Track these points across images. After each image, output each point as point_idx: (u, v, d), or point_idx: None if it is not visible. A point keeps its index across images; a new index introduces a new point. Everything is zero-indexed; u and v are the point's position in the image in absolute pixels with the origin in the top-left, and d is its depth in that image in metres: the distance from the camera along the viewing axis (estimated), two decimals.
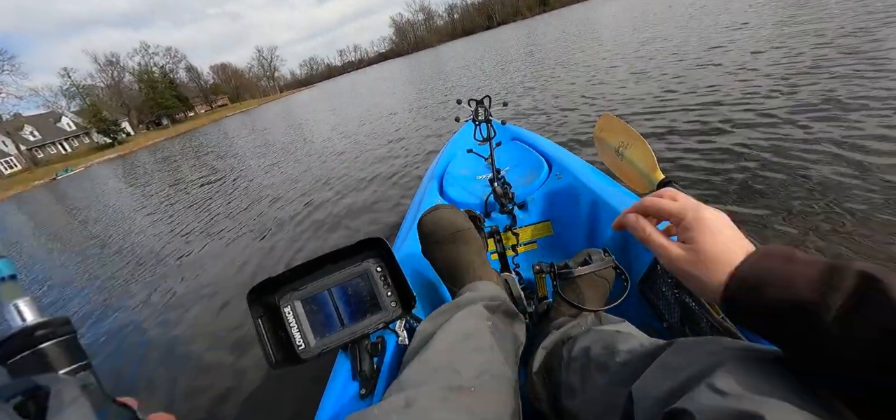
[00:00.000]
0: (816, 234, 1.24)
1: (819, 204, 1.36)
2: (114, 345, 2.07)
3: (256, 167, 5.94)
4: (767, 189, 1.53)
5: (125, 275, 3.09)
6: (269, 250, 2.62)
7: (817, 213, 1.33)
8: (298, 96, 45.40)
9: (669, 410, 0.32)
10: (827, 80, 2.44)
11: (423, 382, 0.45)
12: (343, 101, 13.87)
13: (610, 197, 0.90)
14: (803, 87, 2.44)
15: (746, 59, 3.44)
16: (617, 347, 0.48)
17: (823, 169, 1.55)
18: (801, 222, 1.31)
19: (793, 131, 1.93)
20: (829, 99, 2.16)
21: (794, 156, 1.70)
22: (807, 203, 1.39)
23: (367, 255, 0.63)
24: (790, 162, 1.66)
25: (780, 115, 2.16)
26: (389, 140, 4.70)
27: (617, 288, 0.74)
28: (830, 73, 2.53)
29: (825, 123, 1.91)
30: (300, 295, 0.60)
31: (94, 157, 35.54)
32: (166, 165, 10.72)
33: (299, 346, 0.57)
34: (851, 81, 2.30)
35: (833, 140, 1.73)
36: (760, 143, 1.91)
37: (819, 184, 1.47)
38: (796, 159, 1.67)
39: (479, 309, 0.59)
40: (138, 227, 4.56)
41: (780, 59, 3.17)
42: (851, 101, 2.06)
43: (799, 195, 1.44)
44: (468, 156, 1.37)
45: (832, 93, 2.22)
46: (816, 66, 2.75)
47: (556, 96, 4.25)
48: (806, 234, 1.25)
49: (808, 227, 1.27)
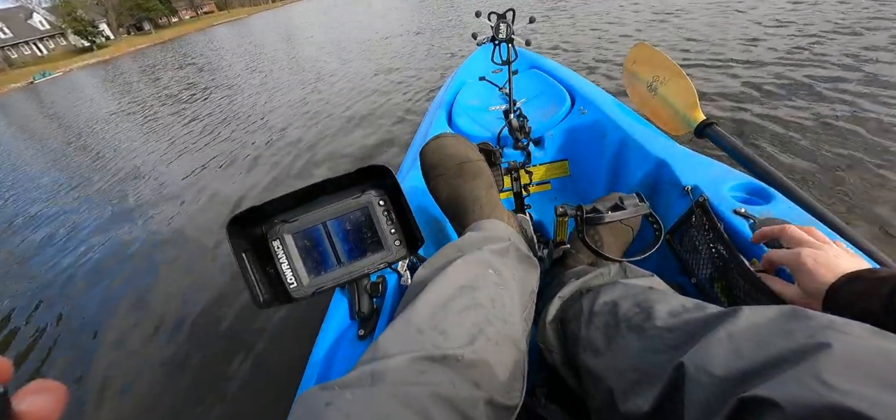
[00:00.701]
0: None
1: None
2: (90, 271, 2.04)
3: (250, 84, 5.60)
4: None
5: (108, 190, 3.00)
6: (257, 179, 2.52)
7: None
8: (295, 7, 41.78)
9: (747, 397, 0.26)
10: None
11: (400, 350, 0.38)
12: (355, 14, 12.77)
13: (641, 137, 0.79)
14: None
15: None
16: (654, 307, 0.43)
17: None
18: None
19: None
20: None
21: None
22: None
23: (368, 186, 0.55)
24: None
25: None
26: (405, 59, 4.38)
27: (642, 237, 0.68)
28: None
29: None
30: (291, 227, 0.52)
31: (73, 61, 33.36)
32: (152, 75, 10.09)
33: (290, 283, 0.51)
34: None
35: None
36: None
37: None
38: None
39: (482, 255, 0.51)
40: (127, 140, 4.37)
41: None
42: None
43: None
44: (480, 84, 1.22)
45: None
46: None
47: (580, 25, 3.89)
48: None
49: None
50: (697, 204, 0.61)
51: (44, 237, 2.50)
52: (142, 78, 10.19)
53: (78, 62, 31.37)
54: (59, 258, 2.18)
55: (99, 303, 1.71)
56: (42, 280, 2.03)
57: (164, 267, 1.84)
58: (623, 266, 0.61)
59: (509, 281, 0.52)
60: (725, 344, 0.32)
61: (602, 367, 0.46)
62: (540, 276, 0.63)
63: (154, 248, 2.01)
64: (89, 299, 1.75)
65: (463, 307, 0.44)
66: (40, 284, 1.99)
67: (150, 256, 1.95)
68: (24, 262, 2.29)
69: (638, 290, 0.49)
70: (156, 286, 1.71)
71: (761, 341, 0.30)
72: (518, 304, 0.51)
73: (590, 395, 0.48)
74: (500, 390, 0.42)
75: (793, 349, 0.27)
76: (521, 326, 0.50)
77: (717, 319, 0.35)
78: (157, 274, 1.80)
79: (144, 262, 1.91)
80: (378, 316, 0.59)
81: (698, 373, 0.32)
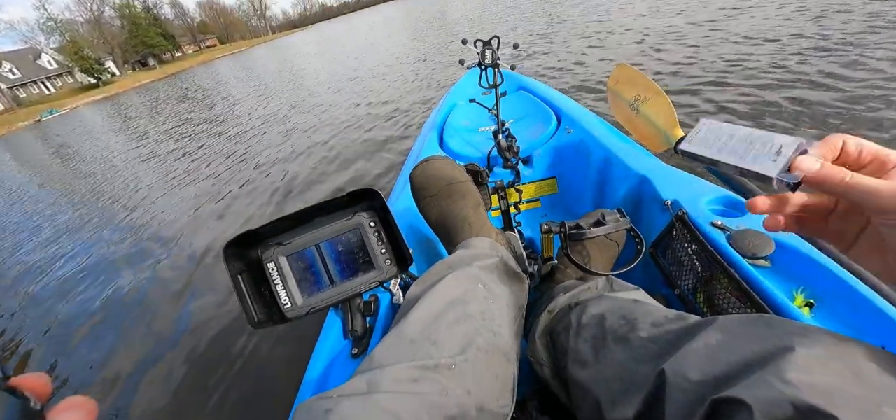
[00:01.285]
0: None
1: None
2: (92, 297, 2.05)
3: (252, 114, 5.72)
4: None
5: (110, 218, 3.03)
6: (252, 202, 2.56)
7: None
8: (292, 38, 43.15)
9: (718, 399, 0.28)
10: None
11: (394, 361, 0.40)
12: (341, 45, 13.18)
13: (624, 154, 0.83)
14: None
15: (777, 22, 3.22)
16: (638, 319, 0.44)
17: None
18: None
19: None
20: None
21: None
22: None
23: (359, 208, 0.57)
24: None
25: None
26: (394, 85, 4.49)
27: (626, 252, 0.70)
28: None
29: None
30: (285, 250, 0.54)
31: (79, 98, 34.15)
32: (155, 109, 10.32)
33: (285, 304, 0.53)
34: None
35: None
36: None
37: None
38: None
39: (471, 271, 0.54)
40: (130, 172, 4.44)
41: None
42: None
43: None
44: (470, 105, 1.27)
45: None
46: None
47: (566, 41, 4.02)
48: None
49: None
50: (677, 217, 0.64)
51: (45, 264, 2.51)
52: (143, 112, 10.42)
53: (84, 99, 32.12)
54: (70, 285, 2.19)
55: (77, 317, 1.71)
56: (54, 308, 2.03)
57: (156, 291, 1.85)
58: (609, 280, 0.63)
59: (498, 295, 0.54)
60: (702, 351, 0.34)
61: (590, 379, 0.47)
62: (531, 292, 0.65)
63: (147, 274, 2.02)
64: (75, 317, 1.75)
65: (454, 320, 0.46)
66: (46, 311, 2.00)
67: (142, 284, 1.96)
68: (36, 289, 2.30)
69: (623, 302, 0.51)
70: (145, 309, 1.73)
71: (734, 347, 0.32)
72: (507, 318, 0.53)
73: (578, 407, 0.49)
74: (490, 398, 0.43)
75: (761, 353, 0.29)
76: (511, 338, 0.51)
77: (695, 328, 0.37)
78: (147, 298, 1.81)
79: (137, 288, 1.92)
80: (371, 334, 0.60)
81: (677, 379, 0.33)
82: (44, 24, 48.56)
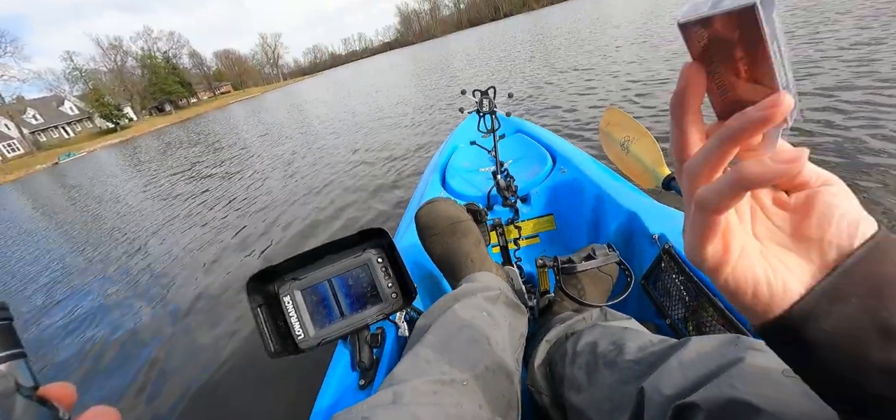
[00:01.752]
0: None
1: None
2: (108, 328, 2.08)
3: (263, 155, 5.93)
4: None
5: (124, 259, 3.10)
6: (270, 239, 2.62)
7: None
8: (302, 84, 45.25)
9: (679, 404, 0.32)
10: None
11: (414, 376, 0.45)
12: (347, 90, 13.80)
13: (614, 192, 0.88)
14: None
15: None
16: (626, 344, 0.48)
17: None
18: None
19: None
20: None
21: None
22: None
23: (368, 246, 0.62)
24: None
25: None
26: (399, 127, 4.68)
27: (620, 284, 0.73)
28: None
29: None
30: (300, 284, 0.59)
31: (96, 142, 35.55)
32: (170, 152, 10.71)
33: (299, 335, 0.57)
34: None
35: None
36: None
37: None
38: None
39: (477, 300, 0.58)
40: (140, 211, 4.56)
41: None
42: None
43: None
44: (471, 148, 1.35)
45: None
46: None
47: (562, 90, 4.21)
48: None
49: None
50: (664, 250, 0.68)
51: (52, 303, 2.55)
52: (155, 156, 10.81)
53: (101, 142, 33.41)
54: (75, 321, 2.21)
55: (76, 352, 1.72)
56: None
57: (178, 327, 1.87)
58: (603, 310, 0.66)
59: (501, 323, 0.59)
60: (676, 369, 0.38)
61: (584, 403, 0.50)
62: (530, 324, 0.69)
63: (158, 312, 2.05)
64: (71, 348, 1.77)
65: (464, 342, 0.51)
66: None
67: (159, 320, 1.98)
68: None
69: (615, 330, 0.54)
70: (163, 347, 1.74)
71: (702, 364, 0.36)
72: (509, 344, 0.57)
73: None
74: (500, 412, 0.47)
75: (720, 366, 0.33)
76: (513, 363, 0.55)
77: (672, 349, 0.41)
78: (167, 336, 1.83)
79: (153, 326, 1.94)
80: (377, 366, 0.63)
81: (653, 394, 0.37)
82: (69, 74, 51.56)
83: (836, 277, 0.17)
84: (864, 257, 0.17)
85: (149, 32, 64.08)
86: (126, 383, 1.61)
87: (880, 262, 0.17)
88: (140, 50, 61.28)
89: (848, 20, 3.52)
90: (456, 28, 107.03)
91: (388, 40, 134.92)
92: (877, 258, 0.17)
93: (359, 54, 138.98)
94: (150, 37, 63.99)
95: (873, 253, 0.17)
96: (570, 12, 21.80)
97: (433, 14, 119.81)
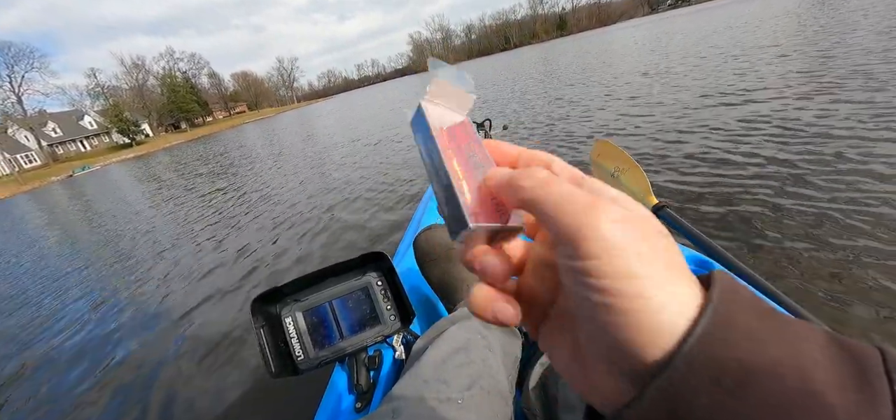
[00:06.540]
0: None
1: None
2: (114, 348, 2.09)
3: (274, 177, 6.05)
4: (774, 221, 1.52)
5: (131, 272, 3.14)
6: (275, 258, 2.65)
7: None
8: (315, 106, 46.49)
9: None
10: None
11: (412, 396, 0.46)
12: (358, 113, 14.13)
13: None
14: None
15: (756, 93, 3.45)
16: None
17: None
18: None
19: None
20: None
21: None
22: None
23: (368, 269, 0.65)
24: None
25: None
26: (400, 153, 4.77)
27: None
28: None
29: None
30: (301, 306, 0.61)
31: (112, 156, 36.49)
32: (177, 170, 10.96)
33: (298, 356, 0.59)
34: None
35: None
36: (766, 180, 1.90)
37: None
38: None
39: (472, 324, 0.60)
40: (149, 226, 4.64)
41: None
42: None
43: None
44: None
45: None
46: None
47: (560, 119, 4.30)
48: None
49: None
50: None
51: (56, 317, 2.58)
52: (166, 172, 11.06)
53: (116, 157, 34.28)
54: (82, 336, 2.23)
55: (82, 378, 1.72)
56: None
57: (184, 346, 1.88)
58: None
59: (495, 346, 0.60)
60: None
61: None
62: (525, 349, 0.70)
63: (162, 327, 2.06)
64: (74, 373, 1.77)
65: (460, 363, 0.52)
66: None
67: (164, 337, 1.99)
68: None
69: None
70: (146, 353, 1.74)
71: None
72: (503, 366, 0.59)
73: None
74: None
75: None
76: (507, 385, 0.56)
77: None
78: (170, 355, 1.83)
79: (160, 339, 1.95)
80: (374, 390, 0.64)
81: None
82: (91, 90, 53.55)
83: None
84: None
85: (171, 53, 66.86)
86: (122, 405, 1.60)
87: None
88: (162, 69, 63.77)
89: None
90: (467, 57, 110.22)
91: (400, 68, 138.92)
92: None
93: (371, 79, 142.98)
94: (172, 57, 66.75)
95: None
96: (573, 44, 22.40)
97: (445, 44, 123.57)
